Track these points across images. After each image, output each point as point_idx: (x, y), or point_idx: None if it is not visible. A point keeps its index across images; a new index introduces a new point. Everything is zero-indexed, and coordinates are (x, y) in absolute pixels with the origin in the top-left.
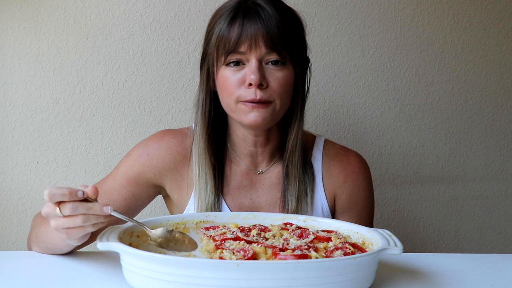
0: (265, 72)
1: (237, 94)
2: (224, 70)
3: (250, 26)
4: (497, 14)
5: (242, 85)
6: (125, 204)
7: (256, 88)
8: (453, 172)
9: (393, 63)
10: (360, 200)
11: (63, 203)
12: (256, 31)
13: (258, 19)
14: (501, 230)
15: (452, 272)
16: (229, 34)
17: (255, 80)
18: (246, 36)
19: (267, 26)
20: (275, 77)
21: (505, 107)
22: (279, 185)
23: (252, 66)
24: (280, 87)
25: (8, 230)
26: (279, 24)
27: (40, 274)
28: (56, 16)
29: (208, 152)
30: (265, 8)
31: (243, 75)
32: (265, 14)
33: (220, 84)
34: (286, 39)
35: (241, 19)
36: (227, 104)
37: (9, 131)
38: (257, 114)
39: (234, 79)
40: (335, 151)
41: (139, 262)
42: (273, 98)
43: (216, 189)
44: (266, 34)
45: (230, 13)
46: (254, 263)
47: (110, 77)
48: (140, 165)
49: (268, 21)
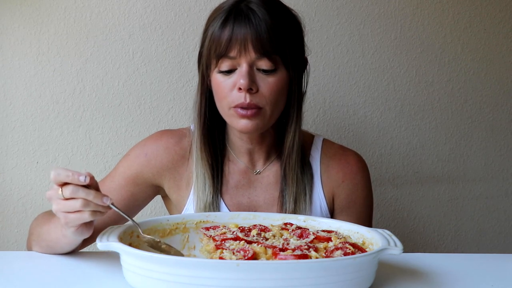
0: (255, 77)
1: (229, 99)
2: (217, 74)
3: (240, 31)
4: (497, 14)
5: (233, 89)
6: (124, 204)
7: (245, 93)
8: (453, 172)
9: (393, 63)
10: (358, 199)
11: (66, 185)
12: (246, 36)
13: (248, 24)
14: (501, 230)
15: (452, 272)
16: (220, 38)
17: (244, 84)
18: (235, 41)
19: (257, 30)
20: (266, 82)
21: (505, 107)
22: (277, 185)
23: (242, 71)
24: (271, 93)
25: (8, 230)
26: (269, 28)
27: (40, 274)
28: (56, 16)
29: (206, 151)
30: (256, 12)
31: (234, 80)
32: (256, 18)
33: (214, 88)
34: (277, 43)
35: (231, 22)
36: (221, 108)
37: (9, 131)
38: (248, 121)
39: (226, 85)
40: (334, 151)
41: (139, 262)
42: (262, 104)
43: (215, 188)
44: (255, 39)
45: (222, 16)
46: (254, 263)
47: (110, 77)
48: (138, 165)
49: (258, 25)
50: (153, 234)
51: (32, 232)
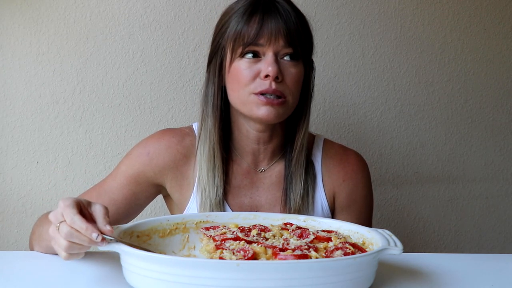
0: (281, 66)
1: (251, 86)
2: (239, 62)
3: (270, 21)
4: (497, 14)
5: (257, 78)
6: (126, 204)
7: (272, 81)
8: (453, 172)
9: (393, 63)
10: (359, 198)
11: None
12: (277, 26)
13: (278, 14)
14: (501, 230)
15: (452, 272)
16: (248, 27)
17: (273, 72)
18: (266, 30)
19: (287, 21)
20: (290, 72)
21: (505, 107)
22: (279, 184)
23: (269, 59)
24: (294, 83)
25: (8, 230)
26: (297, 20)
27: (40, 274)
28: (56, 16)
29: (220, 147)
30: (283, 4)
31: (259, 68)
32: (284, 10)
33: (233, 76)
34: (303, 36)
35: (261, 13)
36: (238, 97)
37: (9, 131)
38: (271, 109)
39: (249, 71)
40: (334, 150)
41: (139, 262)
42: (286, 93)
43: (220, 190)
44: (286, 29)
45: (248, 8)
46: (254, 263)
47: (110, 77)
48: (140, 164)
49: (288, 17)
50: (153, 234)
51: (34, 232)
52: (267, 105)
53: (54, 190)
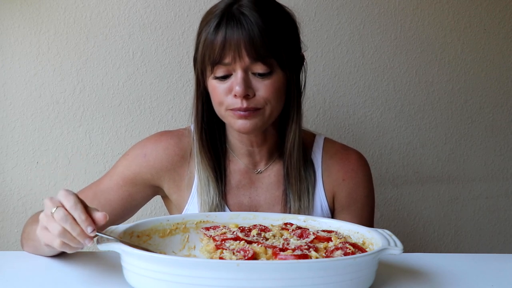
0: (251, 82)
1: (225, 103)
2: (212, 80)
3: (232, 36)
4: (497, 14)
5: (229, 94)
6: (122, 204)
7: (242, 99)
8: (453, 172)
9: (393, 63)
10: (359, 198)
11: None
12: (239, 41)
13: (240, 28)
14: (501, 230)
15: (452, 272)
16: (213, 44)
17: (240, 92)
18: (229, 47)
19: (250, 35)
20: (262, 85)
21: (505, 107)
22: (278, 184)
23: (238, 78)
24: (269, 94)
25: (8, 230)
26: (262, 32)
27: (40, 274)
28: (56, 16)
29: (205, 153)
30: (248, 16)
31: (230, 85)
32: (248, 23)
33: (210, 93)
34: (271, 46)
35: (224, 28)
36: (218, 111)
37: (9, 131)
38: (246, 121)
39: (222, 90)
40: (335, 149)
41: (139, 262)
42: (261, 105)
43: (219, 190)
44: (249, 44)
45: (215, 21)
46: (254, 263)
47: (110, 77)
48: (137, 166)
49: (251, 30)
50: (153, 234)
51: (24, 231)
52: (241, 119)
53: (54, 190)
